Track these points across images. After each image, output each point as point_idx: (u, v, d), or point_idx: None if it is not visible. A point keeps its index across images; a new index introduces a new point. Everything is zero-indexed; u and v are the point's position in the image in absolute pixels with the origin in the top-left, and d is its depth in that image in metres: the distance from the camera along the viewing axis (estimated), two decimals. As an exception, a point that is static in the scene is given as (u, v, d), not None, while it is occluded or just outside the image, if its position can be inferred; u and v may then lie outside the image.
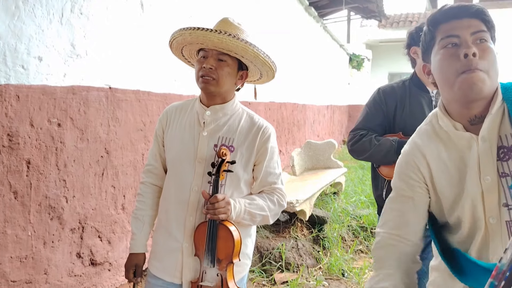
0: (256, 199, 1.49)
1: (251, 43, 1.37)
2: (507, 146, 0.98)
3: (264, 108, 4.76)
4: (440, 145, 1.05)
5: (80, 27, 1.99)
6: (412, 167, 1.09)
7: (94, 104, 2.12)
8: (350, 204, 4.84)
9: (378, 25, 12.90)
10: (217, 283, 1.42)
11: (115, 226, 2.37)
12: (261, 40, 4.64)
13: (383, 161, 1.87)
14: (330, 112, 8.73)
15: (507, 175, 0.96)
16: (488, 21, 0.98)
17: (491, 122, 0.98)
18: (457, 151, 1.03)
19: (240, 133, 1.48)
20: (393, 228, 1.09)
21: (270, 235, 3.56)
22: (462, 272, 1.02)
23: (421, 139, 1.10)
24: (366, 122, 1.93)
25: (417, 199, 1.08)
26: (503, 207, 0.97)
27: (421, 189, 1.08)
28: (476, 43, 0.95)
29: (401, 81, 1.94)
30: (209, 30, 1.34)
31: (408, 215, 1.08)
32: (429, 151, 1.07)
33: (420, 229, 1.09)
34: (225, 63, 1.40)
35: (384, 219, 1.14)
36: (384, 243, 1.10)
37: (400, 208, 1.10)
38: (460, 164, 1.02)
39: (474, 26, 0.97)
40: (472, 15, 0.98)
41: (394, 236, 1.09)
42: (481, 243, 1.00)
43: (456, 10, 0.99)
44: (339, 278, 3.28)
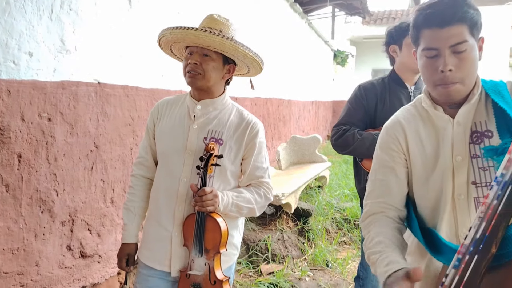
0: (244, 192, 1.55)
1: (228, 37, 1.42)
2: (480, 131, 1.08)
3: (250, 103, 4.82)
4: (419, 122, 1.16)
5: (70, 23, 2.02)
6: (393, 139, 1.19)
7: (84, 99, 2.16)
8: (334, 197, 4.95)
9: (362, 22, 13.06)
10: (205, 272, 1.49)
11: (104, 219, 2.41)
12: (246, 36, 4.68)
13: (366, 154, 1.96)
14: (315, 107, 8.84)
15: (478, 156, 1.07)
16: (473, 22, 1.02)
17: (467, 109, 1.08)
18: (434, 130, 1.13)
19: (230, 127, 1.53)
20: (378, 196, 1.18)
21: (257, 228, 3.64)
22: (437, 251, 1.11)
23: (403, 115, 1.21)
24: (348, 118, 2.02)
25: (397, 169, 1.17)
26: (472, 185, 1.07)
27: (401, 159, 1.18)
28: (455, 53, 1.02)
29: (380, 78, 2.04)
30: (187, 29, 1.40)
31: (391, 184, 1.17)
32: (409, 126, 1.17)
33: (403, 197, 1.18)
34: (209, 58, 1.46)
35: (369, 190, 1.22)
36: (371, 211, 1.18)
37: (383, 178, 1.19)
38: (435, 141, 1.12)
39: (454, 37, 1.01)
40: (456, 21, 1.01)
41: (380, 203, 1.17)
42: (449, 218, 1.10)
43: (439, 18, 1.02)
44: (323, 269, 3.39)
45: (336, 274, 3.29)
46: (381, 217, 1.15)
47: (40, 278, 2.00)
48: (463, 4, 1.01)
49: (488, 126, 1.08)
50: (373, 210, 1.18)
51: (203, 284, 1.49)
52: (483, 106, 1.10)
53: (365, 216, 1.19)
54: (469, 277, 0.86)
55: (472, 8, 1.02)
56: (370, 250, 1.09)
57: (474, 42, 1.03)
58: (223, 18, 1.51)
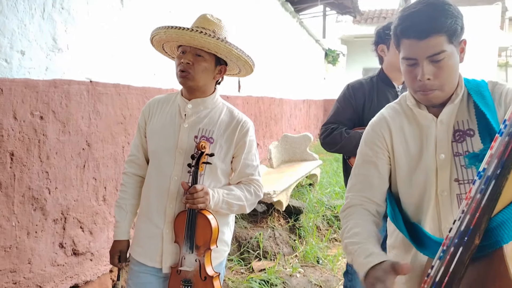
0: (234, 190, 1.58)
1: (223, 40, 1.44)
2: (462, 129, 1.12)
3: (242, 102, 4.84)
4: (404, 120, 1.19)
5: (62, 21, 2.03)
6: (378, 135, 1.22)
7: (76, 98, 2.17)
8: (325, 195, 5.01)
9: (353, 21, 13.15)
10: (196, 268, 1.51)
11: (96, 217, 2.42)
12: (238, 35, 4.71)
13: (353, 152, 2.00)
14: (306, 106, 8.90)
15: (460, 154, 1.11)
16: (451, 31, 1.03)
17: (450, 109, 1.12)
18: (418, 128, 1.17)
19: (220, 126, 1.56)
20: (359, 190, 1.22)
21: (248, 225, 3.68)
22: (422, 245, 1.16)
23: (388, 113, 1.24)
24: (336, 117, 2.06)
25: (380, 165, 1.20)
26: (454, 182, 1.11)
27: (384, 156, 1.21)
28: (433, 62, 1.04)
29: (368, 77, 2.08)
30: (182, 29, 1.41)
31: (372, 179, 1.20)
32: (394, 123, 1.21)
33: (383, 193, 1.21)
34: (202, 59, 1.48)
35: (351, 183, 1.26)
36: (351, 203, 1.21)
37: (365, 173, 1.22)
38: (419, 139, 1.16)
39: (432, 48, 1.03)
40: (433, 33, 1.02)
41: (360, 197, 1.21)
42: (432, 214, 1.14)
43: (416, 31, 1.03)
44: (314, 265, 3.44)
45: (326, 271, 3.34)
46: (360, 209, 1.19)
47: (33, 276, 2.01)
48: (440, 15, 1.02)
49: (470, 125, 1.12)
50: (353, 202, 1.21)
51: (194, 280, 1.52)
52: (465, 105, 1.14)
53: (345, 207, 1.23)
54: (454, 268, 0.90)
55: (450, 17, 1.03)
56: (348, 240, 1.12)
57: (453, 48, 1.06)
58: (216, 18, 1.54)
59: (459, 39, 1.07)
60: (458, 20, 1.04)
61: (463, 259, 0.89)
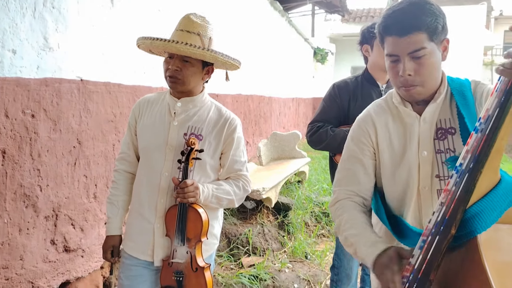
0: (223, 185, 1.63)
1: (208, 49, 1.48)
2: (445, 128, 1.18)
3: (232, 100, 4.88)
4: (389, 117, 1.24)
5: (52, 21, 2.05)
6: (363, 132, 1.27)
7: (66, 96, 2.19)
8: (313, 191, 5.08)
9: (341, 20, 13.26)
10: (187, 260, 1.56)
11: (87, 214, 2.45)
12: (227, 34, 4.74)
13: (338, 149, 2.07)
14: (295, 104, 8.96)
15: (442, 151, 1.17)
16: (431, 29, 1.08)
17: (433, 108, 1.17)
18: (402, 125, 1.22)
19: (209, 123, 1.60)
20: (346, 185, 1.26)
21: (238, 222, 3.73)
22: (403, 236, 1.22)
23: (374, 109, 1.29)
24: (322, 115, 2.13)
25: (365, 161, 1.26)
26: (435, 178, 1.17)
27: (369, 152, 1.26)
28: (414, 59, 1.09)
29: (354, 77, 2.14)
30: (168, 41, 1.44)
31: (358, 174, 1.26)
32: (379, 120, 1.25)
33: (370, 187, 1.26)
34: (189, 64, 1.51)
35: (337, 178, 1.31)
36: (339, 197, 1.26)
37: (351, 168, 1.27)
38: (403, 136, 1.21)
39: (413, 44, 1.08)
40: (413, 30, 1.07)
41: (347, 191, 1.26)
42: (414, 208, 1.20)
43: (398, 28, 1.09)
44: (302, 260, 3.51)
45: (314, 266, 3.41)
46: (350, 203, 1.24)
47: (25, 272, 2.04)
48: (420, 13, 1.07)
49: (452, 123, 1.17)
50: (340, 196, 1.26)
51: (185, 271, 1.57)
52: (448, 104, 1.19)
53: (334, 201, 1.28)
54: (432, 256, 0.95)
55: (430, 15, 1.07)
56: (347, 232, 1.17)
57: (435, 46, 1.10)
58: (200, 17, 1.56)
59: (441, 38, 1.11)
60: (439, 18, 1.09)
61: (440, 247, 0.94)
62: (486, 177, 0.94)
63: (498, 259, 0.89)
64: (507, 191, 0.94)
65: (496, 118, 0.90)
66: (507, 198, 0.94)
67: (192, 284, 1.58)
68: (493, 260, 0.87)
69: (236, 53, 4.81)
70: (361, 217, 1.19)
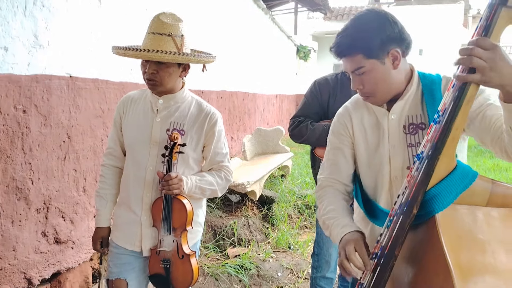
0: (206, 176, 1.71)
1: (180, 53, 1.51)
2: (415, 123, 1.28)
3: (216, 96, 4.97)
4: (365, 111, 1.37)
5: (43, 19, 2.11)
6: (342, 124, 1.41)
7: (56, 92, 2.25)
8: (296, 185, 5.23)
9: (323, 18, 13.43)
10: (174, 248, 1.65)
11: (77, 207, 2.52)
12: (211, 32, 4.82)
13: (317, 143, 2.20)
14: (279, 101, 9.09)
15: (413, 145, 1.28)
16: (366, 48, 1.18)
17: (400, 105, 1.28)
18: (375, 119, 1.34)
19: (190, 118, 1.67)
20: (329, 173, 1.41)
21: (223, 215, 3.83)
22: (375, 216, 1.35)
23: (351, 104, 1.42)
24: (303, 111, 2.25)
25: (345, 151, 1.40)
26: (406, 169, 1.28)
27: (348, 142, 1.40)
28: (358, 76, 1.23)
29: (334, 74, 2.26)
30: (140, 50, 1.50)
31: (339, 163, 1.40)
32: (355, 114, 1.38)
33: (349, 174, 1.40)
34: (165, 65, 1.56)
35: (322, 168, 1.45)
36: (323, 185, 1.41)
37: (333, 158, 1.41)
38: (377, 130, 1.33)
39: (351, 64, 1.22)
40: (347, 53, 1.20)
41: (330, 179, 1.40)
42: (386, 194, 1.32)
43: (337, 52, 1.23)
44: (285, 251, 3.64)
45: (297, 255, 3.55)
46: (332, 190, 1.38)
47: (17, 262, 2.10)
48: (354, 38, 1.18)
49: (422, 119, 1.27)
50: (324, 184, 1.41)
51: (172, 259, 1.66)
52: (419, 100, 1.28)
53: (318, 188, 1.43)
54: (396, 233, 1.07)
55: (364, 37, 1.16)
56: (325, 216, 1.32)
57: (375, 62, 1.18)
58: (170, 16, 1.57)
59: (382, 52, 1.18)
60: (374, 37, 1.17)
61: (404, 226, 1.06)
62: (443, 163, 1.05)
63: (453, 235, 0.99)
64: (462, 176, 1.05)
65: (451, 110, 1.02)
66: (462, 182, 1.05)
67: (179, 270, 1.67)
68: (449, 235, 0.98)
69: (220, 51, 4.91)
70: (339, 203, 1.33)
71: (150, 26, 1.56)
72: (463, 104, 1.01)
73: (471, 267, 0.92)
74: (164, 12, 1.59)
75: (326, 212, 1.32)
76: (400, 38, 1.20)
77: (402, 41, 1.21)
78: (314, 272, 2.40)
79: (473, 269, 0.92)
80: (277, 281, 3.09)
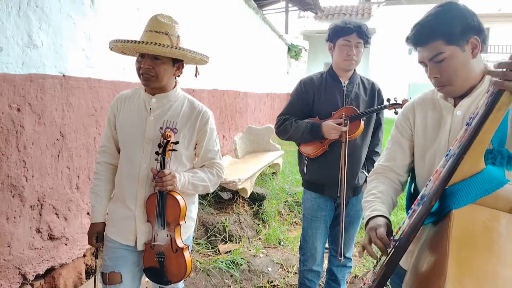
0: (198, 172, 1.77)
1: (176, 47, 1.58)
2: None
3: (208, 95, 5.02)
4: (430, 107, 1.41)
5: (36, 19, 2.15)
6: (405, 117, 1.48)
7: (50, 91, 2.29)
8: (287, 182, 5.30)
9: (314, 17, 13.52)
10: (167, 242, 1.71)
11: (70, 204, 2.56)
12: (202, 31, 4.86)
13: (301, 139, 2.27)
14: (270, 99, 9.16)
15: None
16: (447, 34, 1.19)
17: (467, 102, 1.27)
18: (440, 115, 1.37)
19: (183, 117, 1.73)
20: (384, 161, 1.51)
21: (215, 212, 3.89)
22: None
23: (418, 100, 1.48)
24: (289, 109, 2.32)
25: (403, 142, 1.47)
26: None
27: (407, 134, 1.47)
28: (436, 63, 1.24)
29: (319, 73, 2.33)
30: (139, 42, 1.55)
31: (395, 153, 1.48)
32: (420, 108, 1.44)
33: (404, 165, 1.48)
34: (160, 61, 1.62)
35: (380, 156, 1.55)
36: (376, 171, 1.51)
37: (390, 147, 1.51)
38: (438, 125, 1.37)
39: (430, 52, 1.23)
40: (428, 40, 1.21)
41: (384, 166, 1.50)
42: None
43: (415, 40, 1.25)
44: (276, 246, 3.71)
45: (287, 251, 3.62)
46: (382, 177, 1.48)
47: (12, 258, 2.14)
48: (435, 24, 1.21)
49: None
50: (377, 170, 1.51)
51: (166, 252, 1.72)
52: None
53: (372, 173, 1.53)
54: (414, 222, 1.11)
55: (445, 23, 1.19)
56: (365, 199, 1.42)
57: (456, 48, 1.20)
58: (167, 17, 1.65)
59: (462, 39, 1.19)
60: (456, 24, 1.19)
61: (421, 216, 1.10)
62: (467, 164, 1.08)
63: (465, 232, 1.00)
64: (485, 180, 1.07)
65: (482, 115, 1.06)
66: (484, 186, 1.07)
67: (173, 263, 1.73)
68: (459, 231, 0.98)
69: (212, 50, 4.96)
70: (383, 189, 1.42)
71: (147, 25, 1.63)
72: (494, 110, 1.05)
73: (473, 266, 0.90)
74: (162, 13, 1.65)
75: (367, 195, 1.42)
76: (479, 29, 1.21)
77: (481, 31, 1.21)
78: (301, 266, 2.47)
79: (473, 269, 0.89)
80: (268, 276, 3.16)
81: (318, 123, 2.17)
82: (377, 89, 2.31)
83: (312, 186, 2.33)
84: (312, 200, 2.34)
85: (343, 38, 2.16)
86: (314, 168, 2.29)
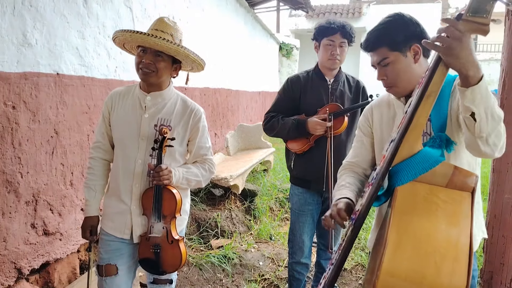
0: (192, 168, 1.84)
1: (182, 46, 1.67)
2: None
3: (200, 93, 5.06)
4: (385, 107, 1.57)
5: (30, 18, 2.19)
6: (365, 118, 1.64)
7: (44, 89, 2.34)
8: (278, 179, 5.37)
9: (305, 16, 13.60)
10: (163, 234, 1.78)
11: (64, 200, 2.60)
12: (194, 30, 4.90)
13: (288, 136, 2.34)
14: (262, 98, 9.22)
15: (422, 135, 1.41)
16: (392, 42, 1.36)
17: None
18: (394, 112, 1.52)
19: (176, 115, 1.79)
20: (350, 158, 1.66)
21: (207, 208, 3.95)
22: None
23: (376, 101, 1.64)
24: (276, 106, 2.39)
25: (365, 139, 1.63)
26: None
27: (368, 132, 1.62)
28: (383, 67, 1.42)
29: (306, 72, 2.40)
30: (147, 35, 1.62)
31: (359, 150, 1.64)
32: (377, 109, 1.60)
33: (368, 160, 1.62)
34: (161, 58, 1.69)
35: (348, 154, 1.69)
36: (344, 167, 1.65)
37: (355, 145, 1.66)
38: (392, 121, 1.52)
39: (377, 57, 1.42)
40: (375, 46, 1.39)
41: (351, 163, 1.64)
42: None
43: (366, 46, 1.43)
44: (267, 241, 3.78)
45: (278, 245, 3.70)
46: (349, 171, 1.62)
47: (8, 253, 2.19)
48: (382, 32, 1.38)
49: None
50: (345, 166, 1.66)
51: (162, 244, 1.78)
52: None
53: (340, 170, 1.67)
54: (367, 202, 1.23)
55: (390, 29, 1.37)
56: (334, 190, 1.54)
57: (398, 54, 1.37)
58: (172, 21, 1.75)
59: (404, 46, 1.37)
60: (398, 33, 1.36)
61: (372, 195, 1.23)
62: (406, 147, 1.21)
63: (408, 203, 1.14)
64: (422, 159, 1.20)
65: (415, 103, 1.19)
66: (422, 164, 1.20)
67: (168, 254, 1.80)
68: (401, 204, 1.13)
69: (204, 48, 5.01)
70: (349, 181, 1.54)
71: (153, 24, 1.71)
72: (424, 97, 1.17)
73: (411, 230, 1.04)
74: (168, 17, 1.75)
75: (338, 187, 1.55)
76: (422, 37, 1.37)
77: (423, 39, 1.35)
78: (290, 258, 2.54)
79: (410, 232, 1.04)
80: (259, 269, 3.23)
81: (304, 119, 2.24)
82: (361, 86, 2.39)
83: (299, 181, 2.41)
84: (299, 195, 2.41)
85: (327, 38, 2.23)
86: (301, 163, 2.36)
